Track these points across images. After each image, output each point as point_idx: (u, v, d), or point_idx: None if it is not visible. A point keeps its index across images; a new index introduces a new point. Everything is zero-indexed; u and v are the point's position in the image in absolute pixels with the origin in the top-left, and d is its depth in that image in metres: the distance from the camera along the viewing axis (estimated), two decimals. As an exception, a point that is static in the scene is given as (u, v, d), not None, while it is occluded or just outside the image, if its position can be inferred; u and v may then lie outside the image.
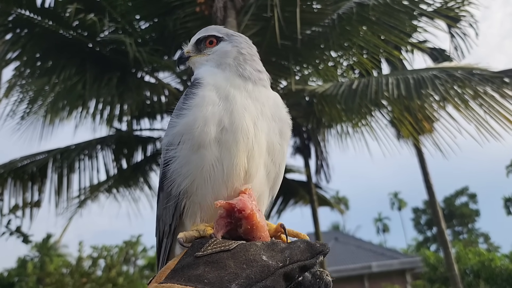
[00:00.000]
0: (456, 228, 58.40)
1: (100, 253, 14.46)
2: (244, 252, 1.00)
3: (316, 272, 1.05)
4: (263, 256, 0.99)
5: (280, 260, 0.98)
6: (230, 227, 1.14)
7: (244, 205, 1.13)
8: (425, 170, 14.77)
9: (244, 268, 0.95)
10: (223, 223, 1.14)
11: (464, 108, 6.47)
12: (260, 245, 1.04)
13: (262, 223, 1.15)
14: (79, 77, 8.00)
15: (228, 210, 1.13)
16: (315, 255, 1.03)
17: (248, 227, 1.13)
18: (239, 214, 1.12)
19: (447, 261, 14.04)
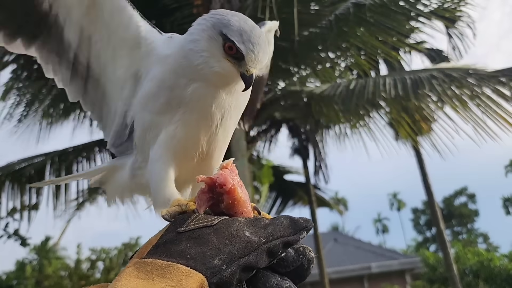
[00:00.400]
0: (455, 228, 58.42)
1: (99, 256, 14.43)
2: (227, 227, 0.99)
3: (299, 248, 1.03)
4: (246, 232, 0.98)
5: (263, 236, 0.97)
6: (212, 202, 1.12)
7: (225, 179, 1.10)
8: (424, 170, 14.79)
9: (227, 244, 0.94)
10: (205, 198, 1.12)
11: (461, 108, 6.48)
12: (243, 221, 1.03)
13: (244, 198, 1.13)
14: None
15: (209, 184, 1.11)
16: (298, 231, 1.01)
17: (229, 202, 1.10)
18: (220, 188, 1.10)
19: (446, 261, 14.05)
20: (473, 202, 59.03)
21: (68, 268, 13.25)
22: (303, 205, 13.26)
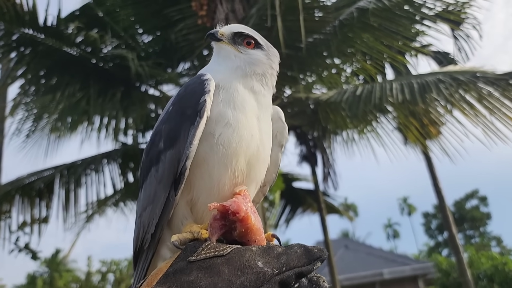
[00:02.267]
0: (468, 232, 57.72)
1: (109, 267, 14.45)
2: (239, 257, 0.96)
3: (313, 278, 1.02)
4: (258, 262, 0.96)
5: (276, 266, 0.95)
6: (224, 230, 1.10)
7: (238, 207, 1.09)
8: (434, 174, 14.64)
9: (239, 275, 0.92)
10: (217, 225, 1.10)
11: (470, 111, 6.41)
12: (255, 250, 1.01)
13: (257, 226, 1.11)
14: (83, 93, 8.06)
15: (222, 212, 1.10)
16: (312, 261, 0.99)
17: (242, 230, 1.09)
18: (233, 216, 1.08)
19: (460, 266, 13.86)
20: (484, 205, 58.35)
21: (79, 280, 13.27)
22: (312, 212, 13.18)
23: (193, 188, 1.30)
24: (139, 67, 7.11)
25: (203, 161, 1.28)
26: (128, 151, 9.59)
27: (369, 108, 7.04)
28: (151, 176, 1.38)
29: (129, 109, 8.68)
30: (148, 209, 1.35)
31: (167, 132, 1.36)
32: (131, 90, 8.56)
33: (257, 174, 1.37)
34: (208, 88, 1.32)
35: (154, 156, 1.37)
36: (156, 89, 9.01)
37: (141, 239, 1.38)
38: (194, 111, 1.28)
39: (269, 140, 1.44)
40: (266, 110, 1.46)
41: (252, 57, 1.47)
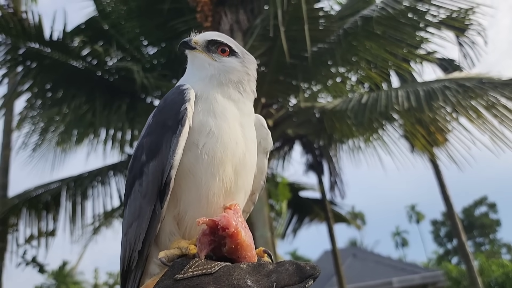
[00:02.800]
0: (477, 239, 57.09)
1: (116, 279, 14.39)
2: (227, 276, 0.93)
3: None
4: (247, 280, 0.93)
5: (266, 285, 0.92)
6: (214, 246, 1.07)
7: (228, 222, 1.06)
8: (442, 181, 14.52)
9: None
10: (206, 241, 1.07)
11: (476, 118, 6.37)
12: (245, 267, 0.98)
13: (248, 241, 1.08)
14: (89, 106, 8.10)
15: (211, 227, 1.06)
16: (304, 279, 0.95)
17: (232, 246, 1.06)
18: (222, 231, 1.05)
19: (470, 274, 13.68)
20: (494, 212, 57.77)
21: (86, 293, 13.20)
22: (319, 222, 13.09)
23: (180, 201, 1.26)
24: (144, 79, 7.15)
25: (188, 172, 1.25)
26: (134, 163, 9.61)
27: (375, 116, 7.01)
28: (135, 191, 1.35)
29: (135, 120, 8.71)
30: (134, 225, 1.31)
31: (149, 145, 1.33)
32: (137, 102, 8.60)
33: (245, 182, 1.35)
34: (188, 97, 1.30)
35: (137, 170, 1.34)
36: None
37: (128, 258, 1.33)
38: (175, 121, 1.26)
39: (254, 146, 1.42)
40: (249, 116, 1.45)
41: (226, 65, 1.46)
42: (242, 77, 1.47)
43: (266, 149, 1.55)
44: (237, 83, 1.44)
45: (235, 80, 1.44)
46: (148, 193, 1.28)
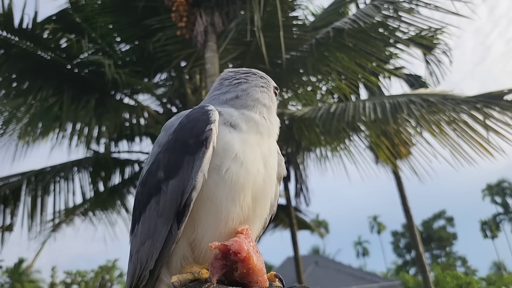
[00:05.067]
0: (434, 251, 58.85)
1: (74, 279, 14.01)
2: None
3: None
4: None
5: None
6: (225, 270, 1.08)
7: (240, 247, 1.07)
8: (403, 193, 14.90)
9: None
10: (218, 265, 1.08)
11: (438, 133, 6.61)
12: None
13: (259, 266, 1.09)
14: (56, 99, 7.90)
15: (223, 251, 1.08)
16: None
17: (244, 271, 1.07)
18: (234, 256, 1.07)
19: (426, 284, 14.06)
20: (451, 225, 59.79)
21: (42, 292, 12.78)
22: (284, 228, 13.18)
23: (198, 226, 1.24)
24: (115, 74, 7.04)
25: (208, 196, 1.22)
26: (100, 159, 9.42)
27: (342, 125, 7.18)
28: (151, 209, 1.31)
29: (103, 117, 8.56)
30: (147, 243, 1.28)
31: (167, 162, 1.30)
32: (106, 97, 8.46)
33: (263, 210, 1.34)
34: (213, 118, 1.28)
35: (152, 187, 1.31)
36: (131, 98, 8.93)
37: (137, 276, 1.30)
38: (198, 140, 1.24)
39: (275, 174, 1.42)
40: (270, 142, 1.44)
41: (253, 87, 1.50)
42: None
43: (280, 175, 1.55)
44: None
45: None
46: (165, 213, 1.25)
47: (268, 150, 1.38)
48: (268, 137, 1.41)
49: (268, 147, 1.39)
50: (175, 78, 9.06)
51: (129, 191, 10.08)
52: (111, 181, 9.73)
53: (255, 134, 1.36)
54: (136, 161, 9.79)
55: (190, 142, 1.25)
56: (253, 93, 1.46)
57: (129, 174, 9.89)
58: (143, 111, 8.99)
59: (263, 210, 1.35)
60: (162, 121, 8.57)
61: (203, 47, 6.49)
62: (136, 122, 9.18)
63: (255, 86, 1.49)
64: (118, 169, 9.72)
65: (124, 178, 9.83)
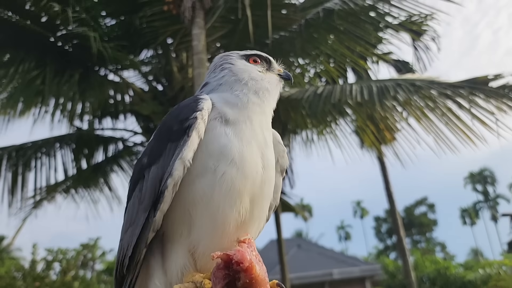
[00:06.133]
0: (415, 237, 60.11)
1: (55, 256, 13.93)
2: None
3: None
4: None
5: None
6: (228, 280, 1.07)
7: (242, 256, 1.06)
8: (387, 179, 15.12)
9: None
10: (221, 275, 1.07)
11: (423, 119, 6.65)
12: None
13: (262, 276, 1.08)
14: (39, 72, 7.70)
15: (225, 261, 1.07)
16: None
17: (246, 280, 1.06)
18: (237, 266, 1.06)
19: (405, 268, 14.40)
20: (432, 212, 61.03)
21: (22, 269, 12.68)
22: (268, 210, 13.25)
23: (193, 229, 1.22)
24: (101, 47, 6.87)
25: (202, 200, 1.20)
26: (83, 136, 9.27)
27: (329, 108, 7.16)
28: (134, 196, 1.32)
29: (87, 93, 8.39)
30: (129, 231, 1.29)
31: (151, 148, 1.30)
32: (90, 73, 8.28)
33: (260, 212, 1.32)
34: (202, 106, 1.25)
35: (137, 173, 1.33)
36: (116, 75, 8.75)
37: (120, 263, 1.31)
38: (181, 128, 1.21)
39: (273, 172, 1.38)
40: (269, 132, 1.42)
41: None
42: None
43: (283, 167, 1.53)
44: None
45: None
46: (145, 200, 1.25)
47: (263, 141, 1.34)
48: (267, 123, 1.40)
49: (262, 136, 1.35)
50: (162, 56, 8.90)
51: (112, 169, 9.97)
52: (94, 159, 9.60)
53: (249, 122, 1.32)
54: (120, 138, 9.66)
55: (174, 129, 1.24)
56: (236, 75, 1.45)
57: (113, 151, 9.76)
58: (128, 88, 8.83)
59: (261, 212, 1.33)
60: (147, 99, 8.44)
61: (190, 23, 6.35)
62: (120, 99, 9.02)
63: (235, 67, 1.48)
64: (102, 147, 9.59)
65: (108, 156, 9.71)
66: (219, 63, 1.52)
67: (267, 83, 1.47)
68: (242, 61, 1.51)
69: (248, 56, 1.54)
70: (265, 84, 1.45)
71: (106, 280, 19.10)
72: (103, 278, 19.26)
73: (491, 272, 12.89)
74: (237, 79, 1.43)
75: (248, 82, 1.42)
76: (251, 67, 1.50)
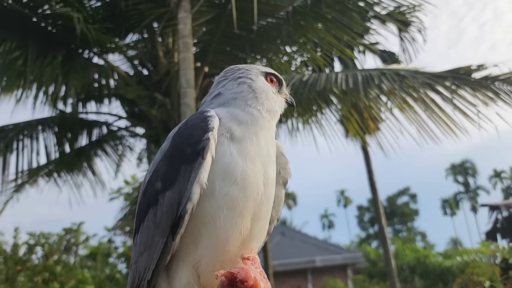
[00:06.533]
0: (396, 226, 61.12)
1: (38, 241, 13.79)
2: None
3: None
4: None
5: None
6: None
7: (246, 275, 1.06)
8: (370, 169, 15.27)
9: None
10: None
11: (407, 109, 6.72)
12: None
13: None
14: (20, 52, 7.54)
15: (229, 279, 1.07)
16: None
17: None
18: (241, 285, 1.06)
19: (386, 256, 14.64)
20: (414, 202, 62.01)
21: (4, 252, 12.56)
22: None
23: (197, 247, 1.23)
24: (85, 28, 6.74)
25: (207, 219, 1.22)
26: (66, 119, 9.14)
27: (314, 95, 7.18)
28: (148, 219, 1.31)
29: (70, 75, 8.24)
30: (145, 254, 1.30)
31: (164, 172, 1.29)
32: (74, 55, 8.14)
33: (260, 230, 1.34)
34: (212, 125, 1.24)
35: (151, 197, 1.31)
36: (101, 58, 8.62)
37: (136, 286, 1.33)
38: (195, 150, 1.21)
39: (273, 190, 1.40)
40: (273, 146, 1.42)
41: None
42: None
43: (285, 178, 1.54)
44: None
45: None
46: (161, 224, 1.25)
47: (267, 156, 1.35)
48: (271, 137, 1.41)
49: (267, 152, 1.35)
50: (147, 40, 8.79)
51: (96, 154, 9.88)
52: (78, 143, 9.49)
53: (255, 138, 1.33)
54: (104, 123, 9.55)
55: (187, 152, 1.23)
56: (255, 92, 1.46)
57: (97, 136, 9.66)
58: (112, 72, 8.71)
59: (262, 229, 1.35)
60: (132, 83, 8.35)
61: (176, 6, 6.27)
62: (105, 83, 8.90)
63: (255, 83, 1.49)
64: (85, 131, 9.47)
65: (92, 140, 9.61)
66: (237, 75, 1.50)
67: (278, 106, 1.51)
68: (262, 78, 1.51)
69: (267, 74, 1.55)
70: (276, 107, 1.49)
71: (89, 265, 19.01)
72: (86, 263, 19.16)
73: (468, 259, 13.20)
74: (254, 96, 1.43)
75: (264, 102, 1.44)
76: (269, 87, 1.52)
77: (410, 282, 19.87)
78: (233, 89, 1.45)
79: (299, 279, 25.61)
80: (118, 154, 9.97)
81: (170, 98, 7.96)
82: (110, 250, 20.79)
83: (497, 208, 16.33)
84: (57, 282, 10.95)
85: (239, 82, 1.47)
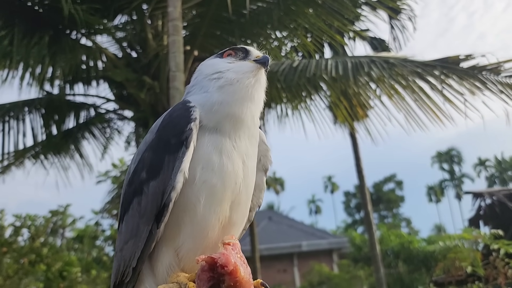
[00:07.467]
0: (382, 212, 61.97)
1: (24, 223, 13.71)
2: None
3: None
4: None
5: None
6: (212, 282, 1.09)
7: (227, 260, 1.08)
8: (358, 155, 15.37)
9: None
10: (205, 277, 1.08)
11: (395, 96, 6.78)
12: None
13: (246, 278, 1.10)
14: (6, 31, 7.39)
15: (210, 264, 1.08)
16: None
17: (231, 283, 1.07)
18: (221, 269, 1.07)
19: (371, 241, 14.86)
20: (400, 189, 62.79)
21: (-11, 234, 12.49)
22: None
23: (181, 234, 1.26)
24: (72, 9, 6.62)
25: (189, 205, 1.25)
26: (53, 101, 9.03)
27: (304, 81, 7.20)
28: (133, 208, 1.34)
29: (58, 56, 8.10)
30: (130, 243, 1.32)
31: (150, 162, 1.31)
32: (61, 36, 8.00)
33: (239, 217, 1.36)
34: (194, 116, 1.26)
35: (136, 186, 1.33)
36: (89, 39, 8.49)
37: (121, 273, 1.35)
38: (178, 140, 1.24)
39: (253, 179, 1.41)
40: (255, 138, 1.41)
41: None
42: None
43: (266, 166, 1.54)
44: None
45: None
46: (146, 213, 1.28)
47: (245, 149, 1.35)
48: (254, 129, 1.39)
49: (245, 145, 1.35)
50: (136, 22, 8.66)
51: (84, 136, 9.80)
52: (65, 125, 9.39)
53: (231, 133, 1.32)
54: (92, 105, 9.46)
55: (172, 142, 1.26)
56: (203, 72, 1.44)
57: (85, 118, 9.57)
58: (100, 54, 8.59)
59: (241, 216, 1.37)
60: (120, 65, 8.26)
61: (167, -12, 6.17)
62: (93, 65, 8.78)
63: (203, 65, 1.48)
64: (73, 113, 9.37)
65: (79, 122, 9.52)
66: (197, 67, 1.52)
67: (232, 73, 1.36)
68: (214, 59, 1.48)
69: (222, 53, 1.49)
70: (229, 75, 1.36)
71: (76, 248, 19.00)
72: (73, 245, 19.16)
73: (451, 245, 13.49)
74: (204, 77, 1.41)
75: (213, 77, 1.38)
76: (220, 60, 1.45)
77: (394, 267, 20.24)
78: (192, 80, 1.49)
79: (285, 263, 25.97)
80: (105, 137, 9.91)
81: (159, 81, 7.91)
82: (97, 232, 20.81)
83: (480, 195, 16.62)
84: (44, 264, 10.94)
85: (196, 71, 1.50)
